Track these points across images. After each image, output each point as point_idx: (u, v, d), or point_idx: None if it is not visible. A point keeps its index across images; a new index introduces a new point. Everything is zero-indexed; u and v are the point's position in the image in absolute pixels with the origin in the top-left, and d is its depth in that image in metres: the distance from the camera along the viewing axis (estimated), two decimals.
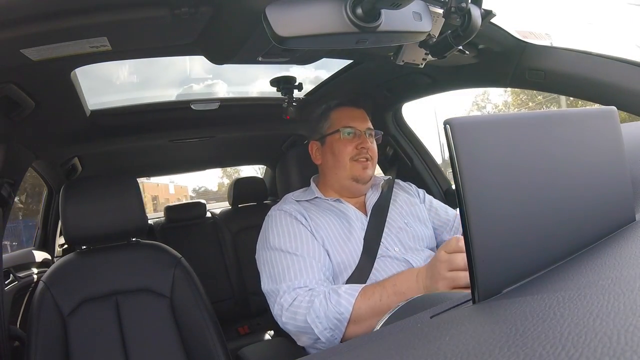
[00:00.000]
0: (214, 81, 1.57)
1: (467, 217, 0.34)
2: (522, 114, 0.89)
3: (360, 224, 1.03)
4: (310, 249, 0.94)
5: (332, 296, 0.82)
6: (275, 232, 0.99)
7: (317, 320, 0.82)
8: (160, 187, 22.03)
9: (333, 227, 1.01)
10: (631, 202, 0.50)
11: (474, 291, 0.35)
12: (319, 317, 0.82)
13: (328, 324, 0.81)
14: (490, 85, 1.27)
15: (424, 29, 0.72)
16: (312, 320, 0.82)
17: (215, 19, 0.79)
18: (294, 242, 0.95)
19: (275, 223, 1.01)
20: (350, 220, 1.03)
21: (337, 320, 0.81)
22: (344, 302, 0.81)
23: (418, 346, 0.31)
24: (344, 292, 0.82)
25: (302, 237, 0.96)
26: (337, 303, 0.81)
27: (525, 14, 1.22)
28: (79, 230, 1.14)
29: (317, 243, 0.96)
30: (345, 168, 1.06)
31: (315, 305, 0.83)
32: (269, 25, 0.60)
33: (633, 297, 0.28)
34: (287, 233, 0.97)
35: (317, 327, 0.82)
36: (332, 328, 0.82)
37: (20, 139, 1.20)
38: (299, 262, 0.92)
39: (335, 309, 0.81)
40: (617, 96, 0.94)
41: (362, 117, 1.10)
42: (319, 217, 1.02)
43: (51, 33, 0.72)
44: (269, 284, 0.93)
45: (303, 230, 0.98)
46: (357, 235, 1.00)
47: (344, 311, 0.80)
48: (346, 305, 0.80)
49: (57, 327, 1.05)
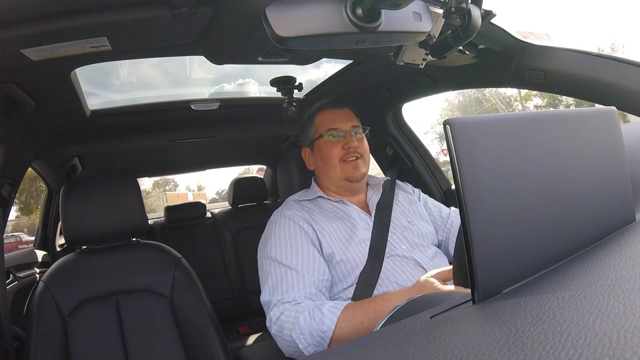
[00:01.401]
0: (245, 80, 1.58)
1: (467, 217, 0.34)
2: (522, 114, 0.89)
3: (365, 224, 1.03)
4: (306, 261, 0.94)
5: (316, 314, 0.84)
6: (274, 241, 1.00)
7: (302, 337, 0.84)
8: (180, 196, 24.10)
9: (338, 229, 1.01)
10: (631, 202, 0.50)
11: (474, 291, 0.35)
12: (303, 333, 0.84)
13: (312, 340, 0.84)
14: (490, 86, 1.27)
15: (424, 29, 0.72)
16: (297, 336, 0.85)
17: (215, 19, 0.79)
18: (289, 254, 0.96)
19: (276, 230, 1.01)
20: (355, 221, 1.03)
21: (320, 337, 0.83)
22: (327, 320, 0.83)
23: (418, 346, 0.31)
24: (327, 310, 0.84)
25: (299, 248, 0.96)
26: (321, 321, 0.83)
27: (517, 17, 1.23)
28: (79, 230, 1.14)
29: (316, 254, 0.96)
30: (336, 170, 1.07)
31: (300, 322, 0.85)
32: (269, 25, 0.60)
33: (633, 297, 0.28)
34: (285, 244, 0.98)
35: (302, 343, 0.85)
36: (316, 345, 0.84)
37: (20, 139, 1.20)
38: (292, 275, 0.93)
39: (318, 327, 0.83)
40: (617, 96, 0.94)
41: (346, 117, 1.10)
42: (323, 220, 1.02)
43: (51, 33, 0.72)
44: (264, 296, 0.95)
45: (303, 239, 0.98)
46: (363, 235, 1.01)
47: (327, 329, 0.82)
48: (329, 324, 0.83)
49: (57, 327, 1.05)
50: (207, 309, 1.15)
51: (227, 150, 2.28)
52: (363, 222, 1.04)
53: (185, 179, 60.53)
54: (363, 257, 0.97)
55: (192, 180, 42.12)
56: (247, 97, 1.66)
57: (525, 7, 40.83)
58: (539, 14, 43.71)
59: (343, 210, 1.06)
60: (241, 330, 2.15)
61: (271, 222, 1.05)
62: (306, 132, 1.15)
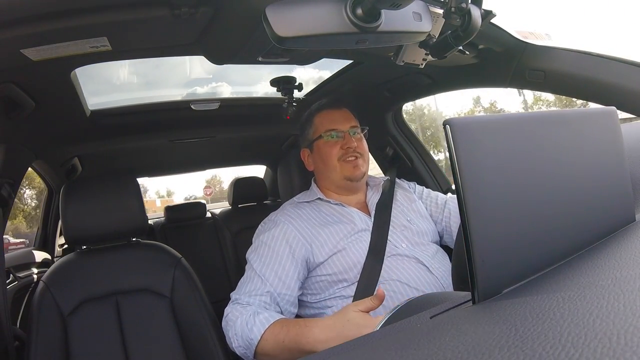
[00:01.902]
0: (217, 83, 1.57)
1: (467, 217, 0.34)
2: (522, 114, 0.89)
3: (364, 225, 1.03)
4: (274, 272, 0.95)
5: (250, 320, 0.86)
6: (256, 243, 1.02)
7: (235, 337, 0.87)
8: (148, 202, 23.93)
9: (335, 232, 1.01)
10: (631, 202, 0.50)
11: (474, 291, 0.35)
12: (236, 334, 0.87)
13: (242, 342, 0.86)
14: (490, 86, 1.27)
15: (424, 29, 0.72)
16: (232, 335, 0.88)
17: (215, 19, 0.79)
18: (262, 261, 0.97)
19: (261, 234, 1.03)
20: (354, 223, 1.03)
21: (248, 342, 0.86)
22: (256, 330, 0.85)
23: (418, 346, 0.31)
24: (259, 320, 0.86)
25: (273, 258, 0.97)
26: (251, 329, 0.85)
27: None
28: (79, 230, 1.14)
29: (290, 268, 0.96)
30: (336, 170, 1.07)
31: (237, 323, 0.88)
32: (269, 25, 0.60)
33: (633, 297, 0.28)
34: (262, 250, 0.99)
35: (234, 342, 0.88)
36: (245, 347, 0.86)
37: (20, 139, 1.20)
38: (255, 280, 0.95)
39: (248, 333, 0.85)
40: (617, 96, 0.94)
41: (344, 117, 1.10)
42: (320, 224, 1.02)
43: (51, 33, 0.72)
44: None
45: (282, 250, 0.98)
46: (361, 236, 1.01)
47: (253, 338, 0.85)
48: (256, 333, 0.85)
49: (57, 327, 1.05)
50: (207, 309, 1.15)
51: (227, 150, 2.28)
52: (362, 222, 1.04)
53: (156, 184, 60.86)
54: (360, 256, 0.97)
55: (163, 185, 42.31)
56: (247, 97, 1.66)
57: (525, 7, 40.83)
58: (539, 14, 43.70)
59: (341, 212, 1.06)
60: None
61: (262, 223, 1.08)
62: (305, 133, 1.15)
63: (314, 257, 0.98)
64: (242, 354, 0.88)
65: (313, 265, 0.99)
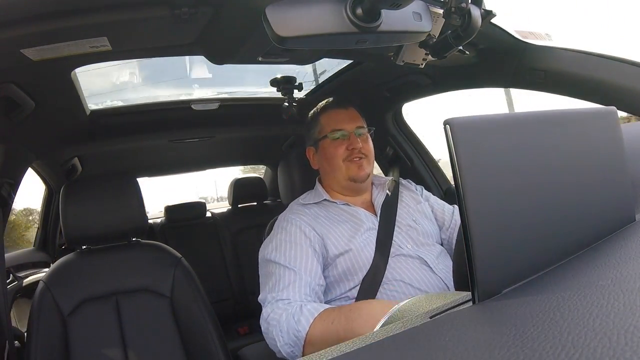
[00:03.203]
0: (217, 83, 1.57)
1: (467, 217, 0.34)
2: (522, 114, 0.89)
3: (371, 224, 1.04)
4: (304, 262, 0.94)
5: (297, 312, 0.84)
6: (275, 243, 0.99)
7: (280, 334, 0.83)
8: None
9: (344, 231, 1.01)
10: (631, 202, 0.50)
11: (474, 291, 0.35)
12: (282, 331, 0.83)
13: (288, 339, 0.83)
14: (490, 86, 1.27)
15: (424, 29, 0.71)
16: (277, 333, 0.84)
17: (215, 19, 0.79)
18: (288, 255, 0.95)
19: (278, 234, 1.01)
20: (361, 222, 1.03)
21: (295, 337, 0.82)
22: (304, 320, 0.82)
23: (418, 346, 0.31)
24: (307, 310, 0.83)
25: (298, 250, 0.96)
26: (298, 321, 0.82)
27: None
28: (79, 230, 1.14)
29: (314, 258, 0.95)
30: (341, 170, 1.07)
31: (282, 319, 0.84)
32: (269, 25, 0.59)
33: (633, 297, 0.28)
34: (285, 246, 0.98)
35: (279, 341, 0.83)
36: (292, 344, 0.83)
37: (20, 139, 1.20)
38: (290, 275, 0.92)
39: (295, 326, 0.82)
40: (617, 96, 0.94)
41: (350, 117, 1.10)
42: (329, 224, 1.02)
43: (51, 33, 0.72)
44: (262, 294, 0.95)
45: (303, 242, 0.98)
46: (369, 236, 1.01)
47: (302, 329, 0.81)
48: (304, 324, 0.81)
49: (57, 327, 1.05)
50: (207, 309, 1.15)
51: (227, 150, 2.28)
52: (369, 222, 1.04)
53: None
54: (370, 256, 0.97)
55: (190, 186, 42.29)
56: (247, 97, 1.66)
57: (525, 7, 40.89)
58: (539, 14, 43.72)
59: (349, 212, 1.06)
60: (241, 330, 2.15)
61: (275, 226, 1.06)
62: (311, 131, 1.14)
63: (328, 252, 0.98)
64: (289, 354, 0.83)
65: (326, 261, 0.98)
